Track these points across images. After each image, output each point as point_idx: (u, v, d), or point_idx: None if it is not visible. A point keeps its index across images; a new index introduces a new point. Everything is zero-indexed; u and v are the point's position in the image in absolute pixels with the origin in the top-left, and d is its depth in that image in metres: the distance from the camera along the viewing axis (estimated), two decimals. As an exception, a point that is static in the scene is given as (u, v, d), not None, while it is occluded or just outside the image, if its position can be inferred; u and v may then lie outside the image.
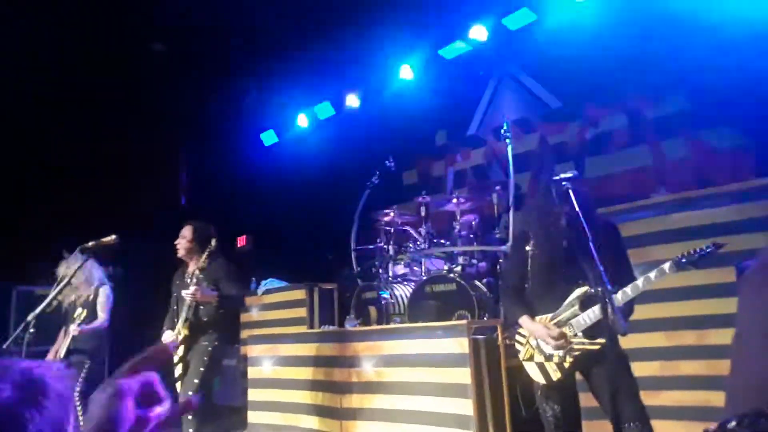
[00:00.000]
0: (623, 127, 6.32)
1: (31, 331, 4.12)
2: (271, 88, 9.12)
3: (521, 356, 3.15)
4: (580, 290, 2.92)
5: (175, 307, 4.72)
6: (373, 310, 5.89)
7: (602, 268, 2.60)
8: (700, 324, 3.76)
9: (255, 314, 7.47)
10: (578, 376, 3.06)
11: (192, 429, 4.34)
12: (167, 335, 4.58)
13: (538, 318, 3.04)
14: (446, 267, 5.65)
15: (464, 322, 4.33)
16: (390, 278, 6.05)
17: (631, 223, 4.10)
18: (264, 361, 5.90)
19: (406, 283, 6.04)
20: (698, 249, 2.68)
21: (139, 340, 4.47)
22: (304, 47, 7.80)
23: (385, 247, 6.09)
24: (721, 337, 3.60)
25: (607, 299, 2.59)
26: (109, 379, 0.90)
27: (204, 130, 9.78)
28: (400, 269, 6.16)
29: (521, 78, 7.37)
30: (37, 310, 4.17)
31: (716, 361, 3.60)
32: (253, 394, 5.94)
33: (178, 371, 4.49)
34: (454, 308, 5.11)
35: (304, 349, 5.50)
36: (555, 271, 3.04)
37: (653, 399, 3.51)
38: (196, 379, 4.40)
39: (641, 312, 3.21)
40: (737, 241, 3.54)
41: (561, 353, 2.94)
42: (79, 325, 4.95)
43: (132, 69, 8.23)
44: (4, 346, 4.21)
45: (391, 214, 6.06)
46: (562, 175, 2.97)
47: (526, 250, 3.16)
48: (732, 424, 0.86)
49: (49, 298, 4.39)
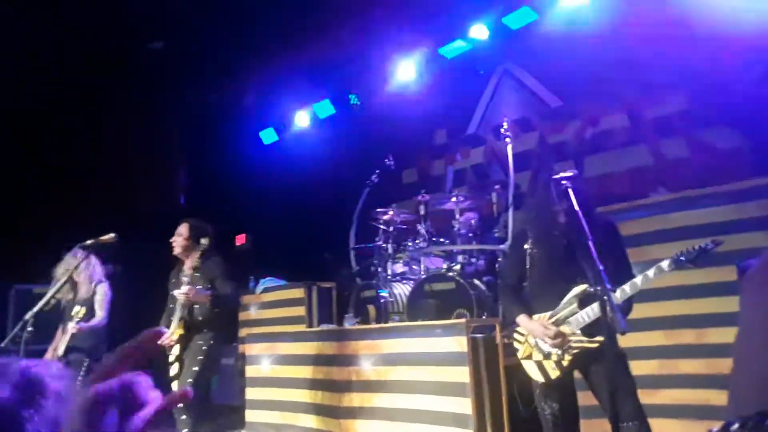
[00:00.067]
0: (623, 126, 6.32)
1: (29, 329, 4.10)
2: (271, 86, 9.11)
3: (520, 355, 3.15)
4: (579, 288, 2.92)
5: (172, 306, 4.68)
6: (372, 308, 5.89)
7: (601, 267, 2.60)
8: (699, 323, 3.77)
9: (253, 313, 7.47)
10: (577, 374, 3.06)
11: (187, 429, 4.31)
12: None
13: (536, 316, 3.04)
14: (445, 266, 5.65)
15: (463, 320, 4.33)
16: (389, 277, 6.04)
17: (630, 222, 4.10)
18: (262, 360, 5.89)
19: (405, 281, 6.04)
20: (696, 246, 2.68)
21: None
22: (304, 45, 7.79)
23: (384, 245, 6.08)
24: (720, 335, 3.61)
25: (606, 297, 2.59)
26: (87, 377, 0.76)
27: (203, 129, 9.77)
28: (399, 268, 6.15)
29: (521, 77, 7.36)
30: (36, 309, 4.14)
31: (715, 359, 3.60)
32: (252, 393, 5.93)
33: (174, 370, 4.47)
34: (453, 307, 5.10)
35: (303, 348, 5.49)
36: (553, 270, 3.04)
37: (652, 398, 3.51)
38: (191, 378, 4.38)
39: (640, 310, 3.21)
40: (736, 240, 3.54)
41: (559, 351, 2.94)
42: (77, 323, 4.93)
43: (131, 68, 8.22)
44: (2, 345, 4.19)
45: (391, 212, 6.05)
46: (562, 174, 2.97)
47: (525, 249, 3.16)
48: (735, 426, 0.85)
49: (48, 296, 4.37)
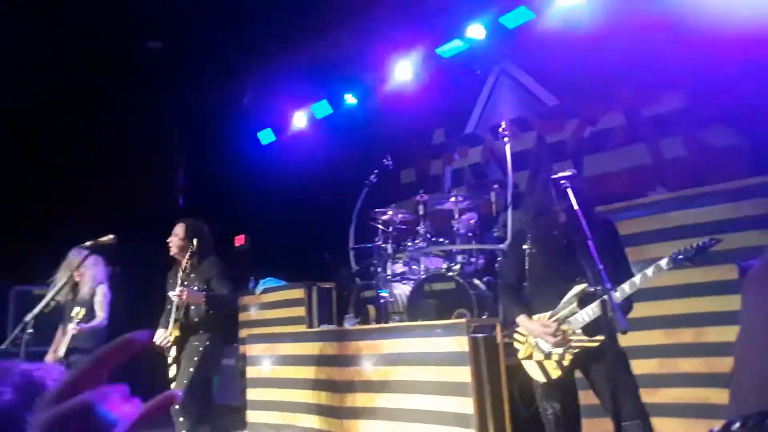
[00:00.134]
0: (621, 125, 6.32)
1: (30, 331, 4.10)
2: (268, 87, 9.11)
3: (520, 355, 3.15)
4: (578, 288, 2.92)
5: (169, 307, 4.64)
6: (372, 308, 5.89)
7: (601, 266, 2.61)
8: (698, 321, 3.78)
9: (253, 313, 7.47)
10: (578, 374, 3.07)
11: (185, 431, 4.28)
12: (159, 335, 4.50)
13: (536, 316, 3.05)
14: (445, 265, 5.65)
15: (463, 320, 4.33)
16: (389, 277, 6.04)
17: (628, 221, 4.11)
18: (263, 361, 5.89)
19: (404, 281, 6.04)
20: (694, 245, 2.69)
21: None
22: (301, 46, 7.80)
23: (383, 245, 6.08)
24: (719, 334, 3.62)
25: (606, 297, 2.60)
26: (49, 393, 0.61)
27: (201, 130, 9.77)
28: (399, 268, 6.15)
29: (519, 76, 7.37)
30: (36, 311, 4.14)
31: (714, 358, 3.61)
32: (252, 394, 5.94)
33: (172, 372, 4.45)
34: (453, 307, 5.11)
35: (303, 348, 5.50)
36: (553, 270, 3.05)
37: (652, 396, 3.52)
38: (186, 380, 4.34)
39: (640, 310, 3.22)
40: (734, 238, 3.55)
41: (560, 351, 2.95)
42: (78, 324, 4.93)
43: (131, 68, 8.22)
44: (2, 347, 4.18)
45: (390, 212, 6.06)
46: (561, 174, 2.98)
47: (524, 249, 3.16)
48: (736, 425, 0.86)
49: (48, 297, 4.37)
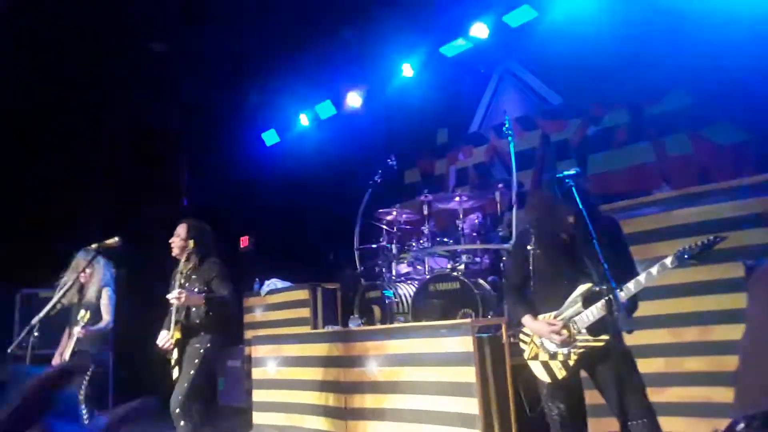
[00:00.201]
0: (625, 123, 6.30)
1: (36, 334, 4.11)
2: (272, 87, 9.12)
3: (525, 355, 3.14)
4: (583, 287, 2.91)
5: (171, 309, 4.53)
6: (376, 309, 5.89)
7: (606, 266, 2.60)
8: (703, 320, 3.76)
9: (259, 315, 7.49)
10: (584, 373, 3.06)
11: None
12: (161, 336, 4.43)
13: (541, 316, 3.04)
14: (449, 265, 5.65)
15: (468, 320, 4.33)
16: (393, 277, 6.05)
17: (633, 220, 4.10)
18: (268, 362, 5.90)
19: (409, 282, 6.04)
20: (699, 242, 2.67)
21: (142, 343, 4.48)
22: (305, 47, 7.80)
23: (388, 246, 6.09)
24: (725, 333, 3.60)
25: (612, 296, 2.59)
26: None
27: (206, 131, 9.79)
28: (404, 268, 6.16)
29: (522, 75, 7.36)
30: (42, 314, 4.14)
31: (720, 357, 3.60)
32: (258, 395, 5.95)
33: (175, 374, 4.36)
34: (458, 307, 5.10)
35: (309, 350, 5.50)
36: (557, 270, 3.03)
37: (658, 396, 3.50)
38: (187, 383, 4.22)
39: (645, 309, 3.20)
40: (740, 236, 3.54)
41: (565, 351, 2.94)
42: (83, 327, 4.94)
43: (134, 70, 8.24)
44: (9, 351, 4.20)
45: (394, 212, 6.06)
46: (565, 173, 2.97)
47: (528, 249, 3.15)
48: (741, 426, 0.85)
49: (54, 300, 4.37)
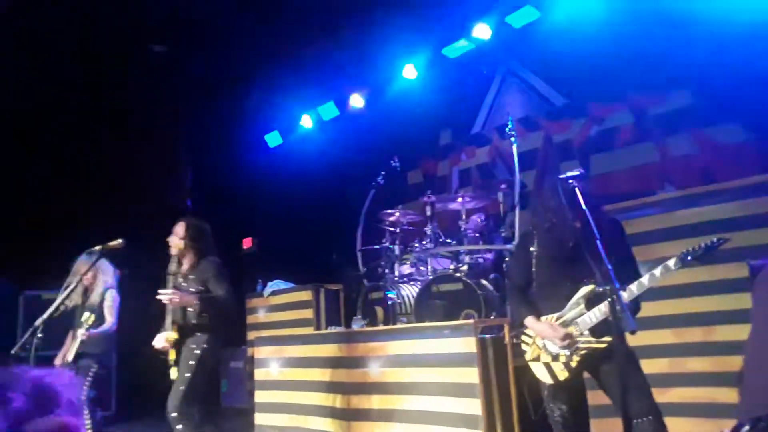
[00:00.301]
0: (628, 123, 6.30)
1: (39, 336, 4.11)
2: (275, 89, 9.12)
3: (527, 357, 3.14)
4: (586, 289, 2.91)
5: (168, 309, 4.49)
6: (379, 310, 5.89)
7: (610, 266, 2.59)
8: (707, 320, 3.76)
9: (261, 316, 7.50)
10: (586, 375, 3.05)
11: None
12: (158, 338, 4.40)
13: (543, 318, 3.03)
14: (452, 266, 5.65)
15: (471, 321, 4.32)
16: (396, 278, 6.05)
17: (636, 220, 4.10)
18: (271, 363, 5.90)
19: (412, 282, 6.04)
20: (702, 244, 2.67)
21: (145, 344, 4.49)
22: (308, 48, 7.81)
23: (390, 247, 6.09)
24: (729, 333, 3.60)
25: (616, 297, 2.58)
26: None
27: (208, 132, 9.79)
28: (406, 269, 6.15)
29: (525, 76, 7.36)
30: (45, 315, 4.14)
31: (724, 357, 3.59)
32: (261, 396, 5.94)
33: (173, 374, 4.31)
34: (461, 308, 5.10)
35: (311, 351, 5.50)
36: (560, 271, 3.03)
37: (661, 396, 3.49)
38: (183, 386, 4.16)
39: (649, 309, 3.20)
40: (743, 236, 3.54)
41: (567, 353, 2.94)
42: (87, 329, 4.94)
43: (136, 71, 8.25)
44: (12, 352, 4.20)
45: (397, 213, 6.06)
46: (568, 174, 2.96)
47: (531, 251, 3.15)
48: (746, 428, 0.85)
49: (57, 302, 4.37)
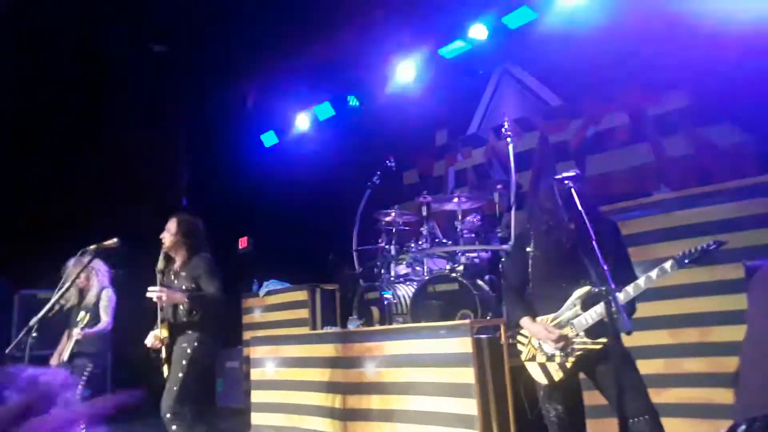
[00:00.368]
0: (624, 124, 6.30)
1: (34, 335, 4.10)
2: (271, 89, 9.12)
3: (523, 357, 3.14)
4: (582, 290, 2.91)
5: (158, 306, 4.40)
6: (375, 310, 5.88)
7: (606, 267, 2.59)
8: (703, 321, 3.77)
9: (257, 315, 7.49)
10: (582, 375, 3.05)
11: None
12: (149, 337, 4.34)
13: (539, 319, 3.03)
14: (448, 267, 5.64)
15: (467, 321, 4.33)
16: (392, 278, 6.04)
17: (633, 221, 4.10)
18: (267, 363, 5.89)
19: (408, 283, 6.03)
20: (699, 247, 2.67)
21: (140, 343, 4.47)
22: (304, 48, 7.80)
23: (386, 247, 6.08)
24: (725, 334, 3.61)
25: (611, 298, 2.58)
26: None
27: (205, 132, 9.78)
28: (402, 269, 6.15)
29: (521, 76, 7.36)
30: (40, 315, 4.13)
31: (720, 358, 3.60)
32: (256, 396, 5.94)
33: (165, 372, 4.23)
34: (457, 308, 5.10)
35: (307, 351, 5.50)
36: (556, 271, 3.03)
37: (657, 396, 3.49)
38: (176, 386, 4.07)
39: (645, 310, 3.21)
40: (739, 238, 3.55)
41: (563, 353, 2.94)
42: (82, 329, 4.94)
43: (133, 70, 8.23)
44: (6, 351, 4.18)
45: (393, 214, 6.05)
46: (564, 174, 2.96)
47: (527, 251, 3.15)
48: (742, 428, 0.85)
49: (52, 301, 4.35)
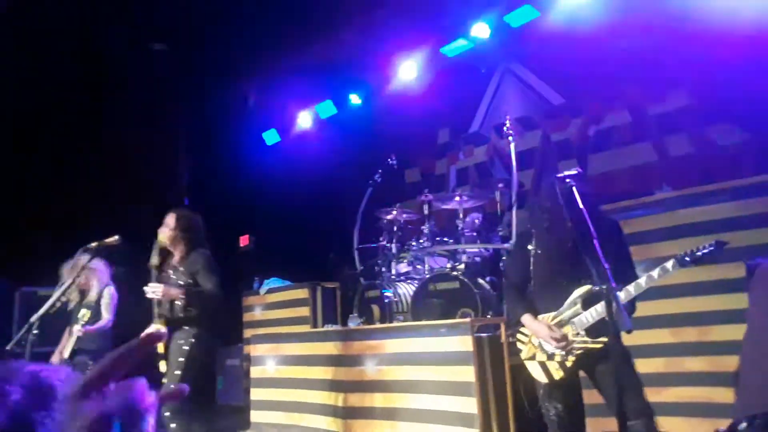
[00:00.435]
0: (626, 123, 6.29)
1: (35, 332, 4.10)
2: (273, 87, 9.11)
3: (523, 355, 3.14)
4: (583, 289, 2.91)
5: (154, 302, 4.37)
6: (376, 308, 5.88)
7: (607, 266, 2.59)
8: (704, 320, 3.76)
9: (258, 313, 7.48)
10: (582, 373, 3.05)
11: None
12: (149, 330, 4.31)
13: (540, 317, 3.03)
14: (449, 265, 5.64)
15: (468, 320, 4.32)
16: (393, 276, 6.04)
17: (634, 220, 4.10)
18: (267, 361, 5.90)
19: (409, 281, 6.03)
20: (701, 247, 2.67)
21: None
22: (306, 46, 7.80)
23: (387, 245, 6.08)
24: (725, 333, 3.60)
25: (612, 297, 2.58)
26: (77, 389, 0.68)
27: (205, 131, 9.78)
28: (403, 267, 6.15)
29: (523, 75, 7.35)
30: (41, 312, 4.13)
31: (720, 357, 3.60)
32: (257, 394, 5.94)
33: (163, 367, 4.18)
34: (458, 306, 5.09)
35: (308, 348, 5.50)
36: (558, 270, 3.03)
37: (657, 396, 3.50)
38: (173, 384, 4.03)
39: (645, 309, 3.20)
40: (741, 237, 3.54)
41: (563, 352, 2.94)
42: (83, 326, 4.95)
43: (133, 70, 8.23)
44: (7, 348, 4.19)
45: (394, 212, 6.05)
46: (566, 173, 2.96)
47: (529, 250, 3.15)
48: (743, 425, 0.85)
49: (53, 298, 4.36)
